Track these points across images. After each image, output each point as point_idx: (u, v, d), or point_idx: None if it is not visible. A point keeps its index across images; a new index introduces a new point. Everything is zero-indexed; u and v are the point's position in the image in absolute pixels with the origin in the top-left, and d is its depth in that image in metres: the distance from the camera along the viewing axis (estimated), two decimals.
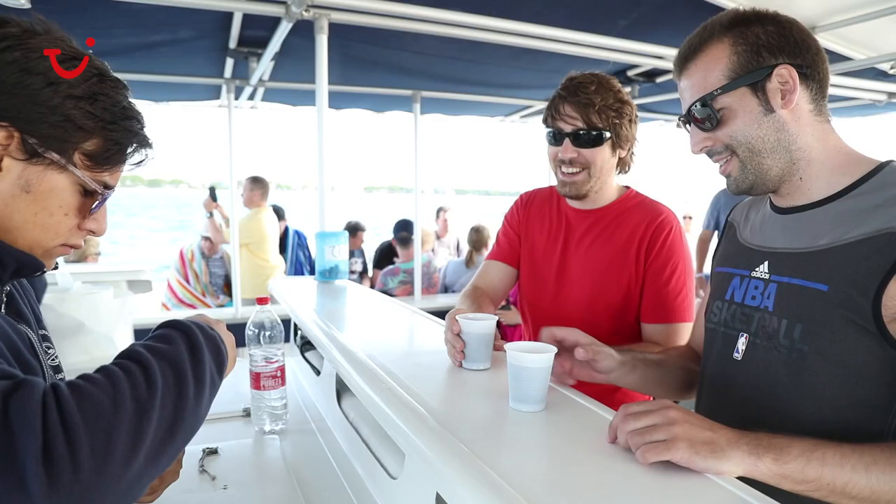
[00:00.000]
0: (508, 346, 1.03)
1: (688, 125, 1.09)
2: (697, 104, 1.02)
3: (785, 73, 0.97)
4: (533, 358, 0.99)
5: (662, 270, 1.55)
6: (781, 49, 0.98)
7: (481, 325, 1.23)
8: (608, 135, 1.52)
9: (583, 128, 1.50)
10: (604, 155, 1.54)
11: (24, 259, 0.84)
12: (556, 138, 1.54)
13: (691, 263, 1.59)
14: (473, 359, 1.24)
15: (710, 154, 1.07)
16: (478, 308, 1.53)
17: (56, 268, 0.91)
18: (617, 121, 1.52)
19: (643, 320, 1.58)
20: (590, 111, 1.49)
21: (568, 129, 1.51)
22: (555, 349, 1.03)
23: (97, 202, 0.87)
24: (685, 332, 1.50)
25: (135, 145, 0.89)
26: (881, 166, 0.98)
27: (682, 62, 1.07)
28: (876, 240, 0.89)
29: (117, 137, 0.86)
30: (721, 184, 1.24)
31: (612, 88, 1.53)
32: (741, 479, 0.75)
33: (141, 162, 0.93)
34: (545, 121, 1.57)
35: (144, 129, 0.91)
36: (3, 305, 0.88)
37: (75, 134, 0.81)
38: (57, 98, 0.79)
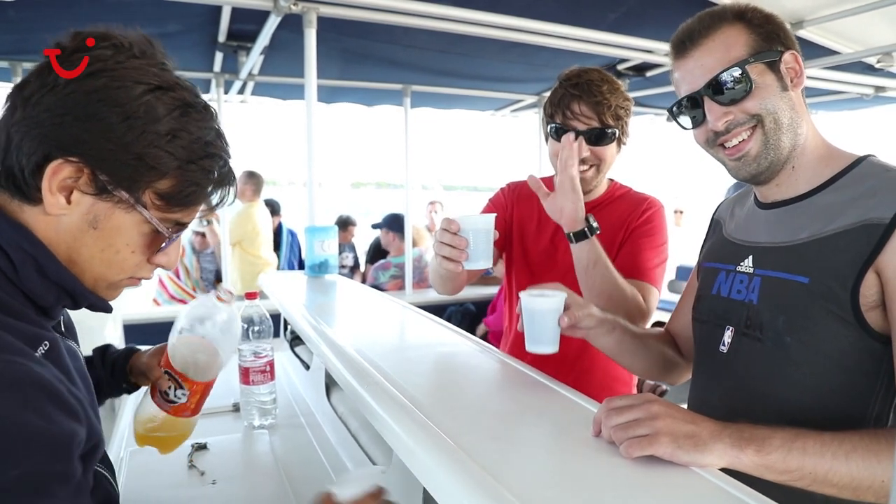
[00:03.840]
0: (522, 292, 1.09)
1: (690, 104, 1.07)
2: (726, 73, 1.00)
3: (790, 59, 1.02)
4: (543, 301, 1.06)
5: (641, 237, 1.58)
6: (784, 41, 1.03)
7: (482, 219, 1.23)
8: (617, 133, 1.55)
9: (598, 127, 1.51)
10: (612, 152, 1.57)
11: (95, 301, 0.83)
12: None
13: (668, 246, 1.62)
14: (476, 257, 1.23)
15: (730, 129, 1.03)
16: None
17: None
18: (626, 119, 1.56)
19: None
20: (605, 111, 1.50)
21: (582, 128, 1.52)
22: (564, 294, 1.10)
23: (165, 242, 0.84)
24: (652, 298, 1.53)
25: (212, 187, 0.84)
26: (859, 160, 1.01)
27: (695, 38, 1.05)
28: (853, 232, 0.92)
29: (195, 178, 0.80)
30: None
31: (619, 87, 1.56)
32: (724, 470, 0.76)
33: (220, 203, 0.87)
34: (552, 117, 1.56)
35: (228, 167, 0.85)
36: (62, 325, 0.87)
37: (147, 173, 0.77)
38: (131, 135, 0.74)
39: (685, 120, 1.10)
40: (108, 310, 0.86)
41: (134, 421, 1.11)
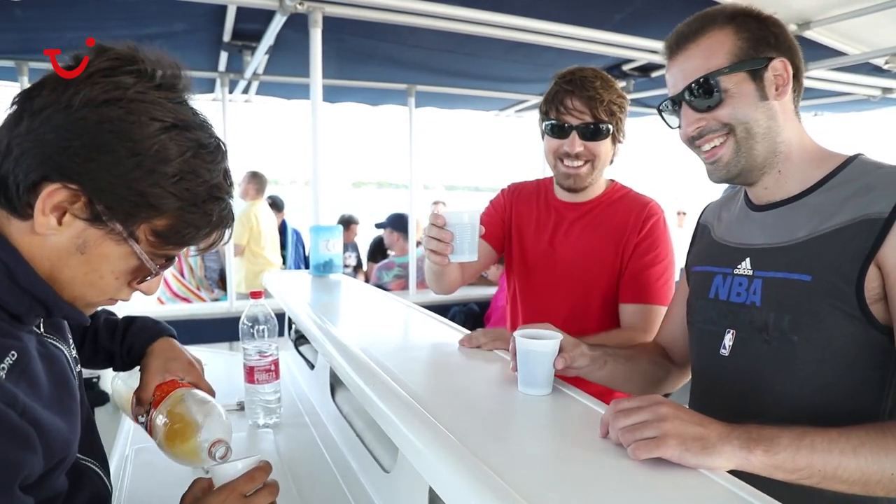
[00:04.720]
0: (516, 332, 1.07)
1: (675, 106, 1.11)
2: (701, 81, 1.03)
3: (779, 66, 1.02)
4: (539, 344, 1.03)
5: (646, 254, 1.58)
6: (777, 46, 1.03)
7: (466, 213, 1.27)
8: (612, 129, 1.55)
9: (591, 122, 1.53)
10: (607, 148, 1.58)
11: (71, 313, 0.81)
12: (562, 131, 1.55)
13: (674, 254, 1.63)
14: (461, 250, 1.27)
15: (702, 134, 1.07)
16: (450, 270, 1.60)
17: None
18: (620, 115, 1.56)
19: (621, 300, 1.59)
20: (598, 106, 1.52)
21: (576, 122, 1.53)
22: (560, 335, 1.08)
23: (152, 274, 0.82)
24: (661, 318, 1.52)
25: (209, 229, 0.82)
26: (850, 160, 1.02)
27: (682, 42, 1.07)
28: (852, 227, 0.93)
29: (194, 220, 0.78)
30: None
31: (613, 84, 1.57)
32: (733, 471, 0.76)
33: (213, 245, 0.85)
34: (546, 113, 1.58)
35: (228, 209, 0.83)
36: (41, 325, 0.85)
37: (146, 210, 0.75)
38: (138, 172, 0.72)
39: (672, 120, 1.14)
40: (85, 322, 0.85)
41: (114, 375, 1.15)
